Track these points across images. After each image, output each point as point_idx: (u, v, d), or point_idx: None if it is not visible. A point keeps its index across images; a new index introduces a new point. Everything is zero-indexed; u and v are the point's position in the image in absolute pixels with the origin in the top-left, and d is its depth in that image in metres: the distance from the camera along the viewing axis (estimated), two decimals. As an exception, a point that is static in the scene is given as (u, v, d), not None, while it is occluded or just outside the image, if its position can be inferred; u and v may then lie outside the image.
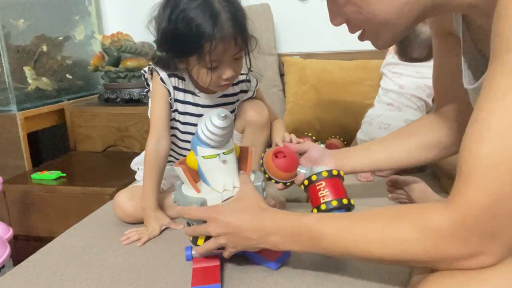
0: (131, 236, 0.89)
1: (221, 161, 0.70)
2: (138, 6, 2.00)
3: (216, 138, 0.68)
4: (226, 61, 0.87)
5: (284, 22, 1.86)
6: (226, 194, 0.71)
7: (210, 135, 0.67)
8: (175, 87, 0.96)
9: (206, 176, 0.72)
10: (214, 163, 0.70)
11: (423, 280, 0.52)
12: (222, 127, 0.66)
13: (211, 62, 0.85)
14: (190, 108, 0.99)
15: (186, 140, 1.02)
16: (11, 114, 1.55)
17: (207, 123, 0.67)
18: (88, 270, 0.79)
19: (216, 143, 0.69)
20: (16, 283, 0.76)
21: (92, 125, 1.71)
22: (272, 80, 1.76)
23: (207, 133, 0.67)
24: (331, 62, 1.69)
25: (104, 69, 1.76)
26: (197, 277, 0.72)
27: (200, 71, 0.88)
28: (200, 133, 0.69)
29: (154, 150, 0.93)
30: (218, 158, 0.70)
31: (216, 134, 0.67)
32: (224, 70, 0.88)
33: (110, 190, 1.29)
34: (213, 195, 0.71)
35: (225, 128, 0.67)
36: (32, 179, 1.43)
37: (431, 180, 1.18)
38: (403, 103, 1.35)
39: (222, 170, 0.71)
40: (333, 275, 0.73)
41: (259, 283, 0.72)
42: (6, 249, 1.12)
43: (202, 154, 0.70)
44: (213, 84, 0.90)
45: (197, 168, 0.72)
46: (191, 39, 0.83)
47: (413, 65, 1.36)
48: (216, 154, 0.70)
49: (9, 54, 1.57)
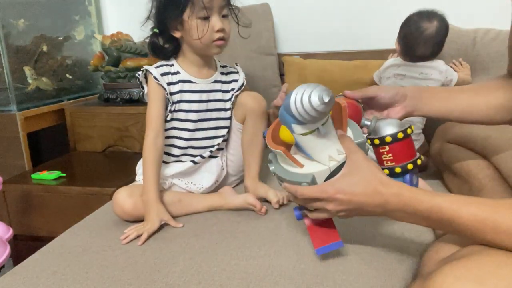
0: (130, 234, 0.90)
1: (319, 132, 0.65)
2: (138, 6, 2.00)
3: (313, 119, 0.61)
4: (215, 11, 0.97)
5: (284, 22, 1.86)
6: (334, 165, 0.66)
7: (306, 115, 0.60)
8: (169, 83, 1.03)
9: (306, 150, 0.66)
10: (313, 138, 0.65)
11: (438, 270, 0.51)
12: (323, 111, 0.60)
13: (202, 9, 0.94)
14: (186, 96, 1.04)
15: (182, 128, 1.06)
16: (11, 114, 1.55)
17: (305, 102, 0.60)
18: (88, 270, 0.79)
19: (313, 121, 0.63)
20: (16, 283, 0.76)
21: (92, 125, 1.71)
22: (272, 80, 1.75)
23: (303, 113, 0.60)
24: (331, 62, 1.69)
25: (104, 69, 1.75)
26: (317, 237, 0.71)
27: (193, 25, 0.96)
28: (294, 111, 0.61)
29: (153, 143, 0.98)
30: (318, 131, 0.64)
31: (314, 116, 0.61)
32: (214, 22, 0.96)
33: (110, 190, 1.29)
34: (321, 169, 0.66)
35: (325, 112, 0.61)
36: (32, 179, 1.43)
37: (433, 177, 1.18)
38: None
39: (323, 142, 0.66)
40: (333, 275, 0.73)
41: (259, 282, 0.72)
42: (6, 249, 1.11)
43: (299, 132, 0.64)
44: (208, 38, 0.97)
45: (294, 143, 0.67)
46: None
47: (416, 66, 1.34)
48: (314, 129, 0.64)
49: (9, 54, 1.56)
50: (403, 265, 0.77)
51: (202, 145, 1.09)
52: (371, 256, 0.79)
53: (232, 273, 0.75)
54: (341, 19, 1.80)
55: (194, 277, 0.74)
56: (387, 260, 0.78)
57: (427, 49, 1.30)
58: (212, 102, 1.07)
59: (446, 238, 0.67)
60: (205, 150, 1.09)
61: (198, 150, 1.08)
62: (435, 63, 1.34)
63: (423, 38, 1.28)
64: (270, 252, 0.82)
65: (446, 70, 1.35)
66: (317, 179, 0.67)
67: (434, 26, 1.27)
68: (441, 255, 0.62)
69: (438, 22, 1.28)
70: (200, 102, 1.06)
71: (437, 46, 1.31)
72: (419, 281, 0.56)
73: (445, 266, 0.51)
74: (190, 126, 1.06)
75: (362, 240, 0.84)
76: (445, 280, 0.48)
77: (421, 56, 1.32)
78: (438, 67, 1.34)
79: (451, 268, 0.50)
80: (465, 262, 0.50)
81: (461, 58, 1.50)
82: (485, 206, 0.56)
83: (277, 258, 0.79)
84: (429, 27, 1.27)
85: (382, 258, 0.78)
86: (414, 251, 0.81)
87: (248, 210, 1.01)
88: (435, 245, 0.68)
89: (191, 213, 1.01)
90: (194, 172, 1.10)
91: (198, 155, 1.08)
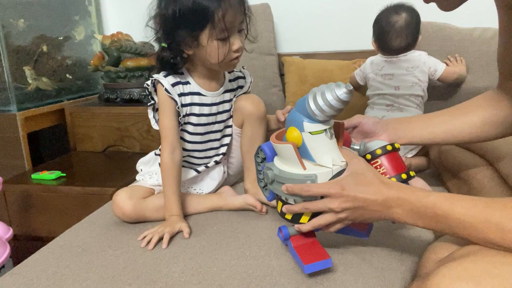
0: (153, 238, 0.87)
1: (328, 135, 0.68)
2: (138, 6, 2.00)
3: (332, 112, 0.65)
4: (234, 31, 0.91)
5: (284, 22, 1.86)
6: (336, 169, 0.68)
7: (327, 109, 0.64)
8: (181, 94, 0.98)
9: (311, 152, 0.68)
10: (321, 139, 0.68)
11: (435, 271, 0.51)
12: (347, 100, 0.64)
13: (223, 30, 0.88)
14: (195, 109, 1.00)
15: (189, 141, 1.03)
16: (11, 114, 1.55)
17: (328, 96, 0.64)
18: (88, 270, 0.79)
19: (327, 118, 0.67)
20: (16, 283, 0.76)
21: (92, 125, 1.71)
22: (272, 80, 1.76)
23: (324, 107, 0.64)
24: (331, 62, 1.69)
25: (104, 69, 1.76)
26: (305, 255, 0.70)
27: (212, 46, 0.90)
28: (312, 107, 0.65)
29: (170, 160, 0.95)
30: (326, 133, 0.68)
31: (336, 108, 0.64)
32: (233, 41, 0.91)
33: (110, 190, 1.29)
34: (324, 171, 0.68)
35: (347, 102, 0.64)
36: (32, 179, 1.43)
37: (432, 177, 1.18)
38: (403, 103, 1.36)
39: (328, 145, 0.69)
40: (333, 275, 0.73)
41: (259, 282, 0.72)
42: (6, 249, 1.12)
43: (309, 130, 0.67)
44: (224, 56, 0.91)
45: (301, 143, 0.69)
46: (202, 10, 0.86)
47: (400, 61, 1.37)
48: (323, 129, 0.67)
49: (9, 54, 1.57)
50: (403, 265, 0.77)
51: (207, 155, 1.07)
52: (371, 256, 0.79)
53: (232, 273, 0.75)
54: (341, 19, 1.80)
55: (194, 277, 0.74)
56: (387, 260, 0.78)
57: (402, 40, 1.34)
58: (220, 114, 1.04)
59: (444, 239, 0.68)
60: (209, 160, 1.07)
61: (203, 159, 1.07)
62: (417, 55, 1.38)
63: (395, 31, 1.33)
64: (270, 252, 0.82)
65: (426, 61, 1.39)
66: (319, 180, 0.68)
67: (403, 18, 1.32)
68: (439, 255, 0.62)
69: (406, 13, 1.33)
70: (209, 115, 1.02)
71: (411, 37, 1.35)
72: (418, 282, 0.56)
73: (442, 267, 0.51)
74: (197, 138, 1.03)
75: (362, 240, 0.84)
76: (442, 281, 0.49)
77: (398, 48, 1.36)
78: (421, 59, 1.38)
79: (448, 268, 0.50)
80: (462, 263, 0.50)
81: (457, 54, 1.51)
82: (478, 201, 0.57)
83: (277, 258, 0.79)
84: (398, 19, 1.32)
85: (382, 258, 0.78)
86: (414, 251, 0.81)
87: (248, 211, 1.01)
88: (433, 245, 0.68)
89: (190, 214, 1.01)
90: (196, 179, 1.08)
91: (202, 164, 1.07)
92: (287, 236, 0.73)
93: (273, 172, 0.72)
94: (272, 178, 0.72)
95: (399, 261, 0.78)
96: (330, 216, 0.68)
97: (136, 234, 0.91)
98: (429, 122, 0.88)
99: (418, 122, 0.89)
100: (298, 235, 0.74)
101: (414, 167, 1.22)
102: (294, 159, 0.69)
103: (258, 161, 0.81)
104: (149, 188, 1.01)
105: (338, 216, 0.67)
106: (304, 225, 0.71)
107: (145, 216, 0.97)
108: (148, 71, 1.75)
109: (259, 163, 0.81)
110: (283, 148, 0.70)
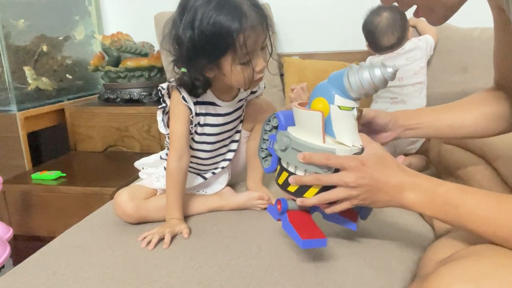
0: (153, 238, 0.86)
1: (354, 115, 0.68)
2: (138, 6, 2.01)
3: (369, 91, 0.65)
4: (257, 52, 0.86)
5: (284, 22, 1.86)
6: (354, 150, 0.68)
7: (367, 85, 0.65)
8: (197, 102, 0.95)
9: (333, 127, 0.67)
10: (347, 116, 0.67)
11: (435, 272, 0.51)
12: (389, 81, 0.65)
13: (246, 55, 0.83)
14: (210, 119, 0.98)
15: (198, 149, 1.02)
16: (11, 114, 1.55)
17: (372, 72, 0.64)
18: (88, 270, 0.79)
19: (361, 96, 0.67)
20: (16, 283, 0.76)
21: (92, 125, 1.71)
22: (272, 80, 1.75)
23: (366, 83, 0.64)
24: (331, 63, 1.69)
25: (104, 69, 1.76)
26: (303, 231, 0.68)
27: (234, 71, 0.85)
28: (351, 81, 0.65)
29: (177, 166, 0.93)
30: (353, 112, 0.68)
31: (375, 86, 0.65)
32: (256, 62, 0.86)
33: (110, 190, 1.29)
34: (342, 148, 0.67)
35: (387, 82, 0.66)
36: (32, 179, 1.43)
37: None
38: (407, 94, 1.38)
39: (352, 124, 0.69)
40: (333, 275, 0.73)
41: (259, 282, 0.72)
42: (6, 249, 1.12)
43: (340, 103, 0.66)
44: (248, 80, 0.87)
45: (326, 116, 0.67)
46: (223, 36, 0.81)
47: (399, 55, 1.41)
48: (352, 107, 0.67)
49: (9, 54, 1.57)
50: (403, 265, 0.77)
51: (215, 161, 1.06)
52: (371, 256, 0.79)
53: (232, 273, 0.75)
54: (341, 19, 1.80)
55: (194, 277, 0.74)
56: (387, 260, 0.78)
57: (390, 39, 1.39)
58: (232, 122, 1.02)
59: (445, 239, 0.68)
60: (216, 166, 1.06)
61: (210, 166, 1.06)
62: (412, 44, 1.42)
63: (381, 31, 1.38)
64: (270, 252, 0.81)
65: (421, 46, 1.43)
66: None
67: (385, 18, 1.38)
68: (440, 256, 0.62)
69: (386, 12, 1.38)
70: (222, 125, 1.00)
71: (398, 32, 1.39)
72: (417, 283, 0.56)
73: (442, 268, 0.51)
74: (207, 147, 1.01)
75: (362, 240, 0.84)
76: (442, 282, 0.49)
77: (389, 46, 1.41)
78: (416, 46, 1.42)
79: (448, 269, 0.50)
80: (462, 264, 0.50)
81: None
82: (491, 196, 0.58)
83: (277, 258, 0.79)
84: (380, 20, 1.38)
85: (382, 258, 0.78)
86: (414, 251, 0.81)
87: (248, 210, 1.01)
88: (434, 246, 0.68)
89: (191, 215, 1.01)
90: (203, 183, 1.07)
91: (209, 171, 1.06)
92: (285, 209, 0.71)
93: (289, 139, 0.69)
94: (287, 145, 0.69)
95: (399, 261, 0.78)
96: (341, 191, 0.66)
97: (136, 234, 0.91)
98: (439, 118, 0.87)
99: (428, 116, 0.88)
100: (295, 211, 0.72)
101: (413, 167, 1.23)
102: (317, 129, 0.67)
103: (267, 129, 0.78)
104: (151, 189, 1.01)
105: (350, 193, 0.65)
106: (309, 199, 0.68)
107: (147, 217, 0.96)
108: (148, 71, 1.75)
109: (267, 131, 0.78)
110: (310, 115, 0.67)
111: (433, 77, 1.47)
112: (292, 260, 0.78)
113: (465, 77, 1.51)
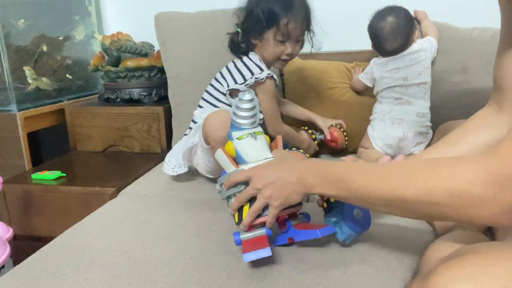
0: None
1: (253, 137, 0.81)
2: (138, 6, 2.01)
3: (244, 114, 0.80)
4: (291, 39, 1.20)
5: (284, 22, 1.86)
6: (262, 161, 0.80)
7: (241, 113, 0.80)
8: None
9: (241, 155, 0.81)
10: (247, 141, 0.81)
11: (434, 270, 0.51)
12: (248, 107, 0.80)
13: (283, 35, 1.18)
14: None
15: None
16: (11, 114, 1.55)
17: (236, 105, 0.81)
18: (88, 270, 0.79)
19: (248, 121, 0.81)
20: (16, 283, 0.76)
21: (92, 125, 1.71)
22: (272, 80, 1.76)
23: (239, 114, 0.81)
24: (331, 63, 1.69)
25: (104, 69, 1.75)
26: (248, 248, 0.74)
27: (270, 42, 1.20)
28: (232, 117, 0.82)
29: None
30: (250, 136, 0.81)
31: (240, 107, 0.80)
32: (288, 45, 1.21)
33: (110, 190, 1.29)
34: (250, 165, 0.79)
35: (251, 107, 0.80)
36: (32, 179, 1.43)
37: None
38: (411, 95, 1.38)
39: (254, 145, 0.81)
40: (333, 275, 0.73)
41: (259, 282, 0.72)
42: (6, 249, 1.11)
43: (236, 136, 0.81)
44: (276, 56, 1.23)
45: (234, 152, 0.81)
46: (273, 15, 1.17)
47: (403, 56, 1.41)
48: (248, 133, 0.81)
49: (9, 54, 1.56)
50: (403, 265, 0.77)
51: None
52: (371, 256, 0.79)
53: (232, 273, 0.75)
54: (341, 19, 1.80)
55: (194, 277, 0.75)
56: (387, 260, 0.78)
57: (394, 43, 1.39)
58: None
59: (446, 237, 0.68)
60: None
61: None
62: (417, 46, 1.42)
63: (385, 36, 1.38)
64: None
65: (426, 47, 1.43)
66: None
67: (389, 23, 1.37)
68: (441, 253, 0.62)
69: (391, 16, 1.37)
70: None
71: (402, 36, 1.38)
72: (418, 281, 0.56)
73: (440, 266, 0.51)
74: None
75: (362, 240, 0.84)
76: (440, 281, 0.49)
77: (393, 50, 1.41)
78: (421, 48, 1.42)
79: (446, 268, 0.50)
80: (460, 262, 0.50)
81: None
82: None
83: (277, 258, 0.79)
84: (385, 25, 1.37)
85: (382, 258, 0.78)
86: (414, 251, 0.81)
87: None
88: (435, 244, 0.68)
89: None
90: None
91: None
92: (238, 242, 0.78)
93: (219, 181, 0.82)
94: (220, 184, 0.81)
95: (399, 260, 0.78)
96: (259, 198, 0.73)
97: (136, 235, 0.91)
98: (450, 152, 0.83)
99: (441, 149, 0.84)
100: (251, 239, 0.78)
101: None
102: (226, 161, 0.80)
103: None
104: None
105: (264, 195, 0.72)
106: (244, 219, 0.76)
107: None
108: (148, 71, 1.75)
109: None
110: (217, 155, 0.82)
111: (433, 77, 1.47)
112: (292, 260, 0.78)
113: (465, 77, 1.50)
